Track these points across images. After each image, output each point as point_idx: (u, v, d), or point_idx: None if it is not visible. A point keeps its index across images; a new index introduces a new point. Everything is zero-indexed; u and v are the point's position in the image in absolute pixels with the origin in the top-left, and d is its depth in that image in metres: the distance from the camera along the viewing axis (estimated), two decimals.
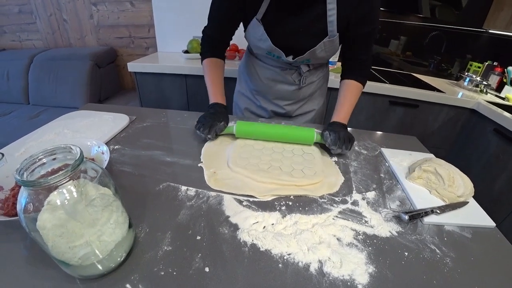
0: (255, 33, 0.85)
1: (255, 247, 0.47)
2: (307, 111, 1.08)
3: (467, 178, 0.65)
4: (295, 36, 0.83)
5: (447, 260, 0.49)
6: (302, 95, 1.03)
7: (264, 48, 0.88)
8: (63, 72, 2.16)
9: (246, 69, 1.06)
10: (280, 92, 1.01)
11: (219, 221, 0.52)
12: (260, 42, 0.86)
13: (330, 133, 0.76)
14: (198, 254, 0.45)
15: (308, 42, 0.84)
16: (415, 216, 0.56)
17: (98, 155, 0.66)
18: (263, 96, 1.04)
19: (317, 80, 1.02)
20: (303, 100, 1.05)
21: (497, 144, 1.49)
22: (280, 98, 1.03)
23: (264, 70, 0.99)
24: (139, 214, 0.53)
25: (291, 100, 1.03)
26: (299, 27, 0.81)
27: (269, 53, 0.89)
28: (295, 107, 1.05)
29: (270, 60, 0.95)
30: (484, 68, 1.97)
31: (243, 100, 1.11)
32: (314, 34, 0.82)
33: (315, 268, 0.45)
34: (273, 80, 0.99)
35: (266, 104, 1.05)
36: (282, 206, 0.58)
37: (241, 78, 1.11)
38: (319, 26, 0.81)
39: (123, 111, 0.94)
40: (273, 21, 0.81)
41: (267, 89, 1.02)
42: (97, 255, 0.39)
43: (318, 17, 0.79)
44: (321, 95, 1.09)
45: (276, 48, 0.85)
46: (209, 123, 0.76)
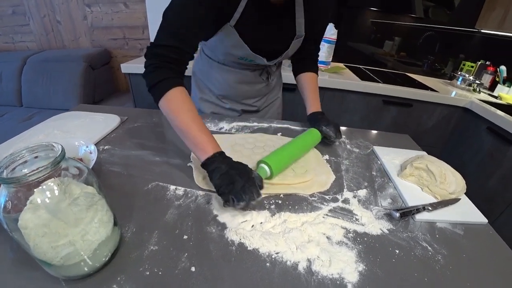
0: (228, 40, 0.78)
1: (243, 246, 0.47)
2: (272, 101, 1.12)
3: (458, 175, 0.65)
4: (269, 41, 0.83)
5: (439, 257, 0.49)
6: (268, 89, 1.07)
7: (237, 55, 0.83)
8: (57, 74, 2.13)
9: (206, 75, 1.00)
10: (250, 92, 1.01)
11: (207, 220, 0.52)
12: (235, 49, 0.81)
13: (328, 127, 0.81)
14: (184, 253, 0.44)
15: (281, 45, 0.85)
16: (406, 214, 0.56)
17: (86, 154, 0.65)
18: (231, 99, 1.02)
19: (278, 73, 1.09)
20: (268, 93, 1.09)
21: (490, 143, 1.49)
22: (249, 98, 1.03)
23: (231, 75, 0.95)
24: (127, 213, 0.52)
25: (259, 97, 1.05)
26: (272, 32, 0.81)
27: (242, 58, 0.86)
28: (263, 101, 1.07)
29: (238, 64, 0.92)
30: (477, 68, 1.98)
31: (207, 106, 1.04)
32: (285, 37, 0.84)
33: (304, 267, 0.44)
34: (242, 83, 0.98)
35: (235, 105, 1.04)
36: (272, 205, 0.57)
37: (200, 84, 1.04)
38: (289, 28, 0.82)
39: (114, 111, 0.93)
40: (247, 27, 0.76)
41: (236, 92, 1.00)
42: (80, 255, 0.38)
43: (287, 19, 0.80)
44: (280, 83, 1.16)
45: (255, 54, 0.81)
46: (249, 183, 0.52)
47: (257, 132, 0.89)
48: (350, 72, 1.90)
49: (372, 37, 2.14)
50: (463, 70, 2.05)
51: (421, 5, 1.87)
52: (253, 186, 0.51)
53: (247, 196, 0.50)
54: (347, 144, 0.88)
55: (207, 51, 0.96)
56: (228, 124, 0.93)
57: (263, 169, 0.61)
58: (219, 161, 0.55)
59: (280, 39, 0.84)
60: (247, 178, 0.52)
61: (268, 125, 0.95)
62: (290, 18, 0.80)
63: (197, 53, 1.04)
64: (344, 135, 0.93)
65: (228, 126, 0.91)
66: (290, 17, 0.80)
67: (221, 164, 0.55)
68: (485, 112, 1.52)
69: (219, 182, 0.53)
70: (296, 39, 0.84)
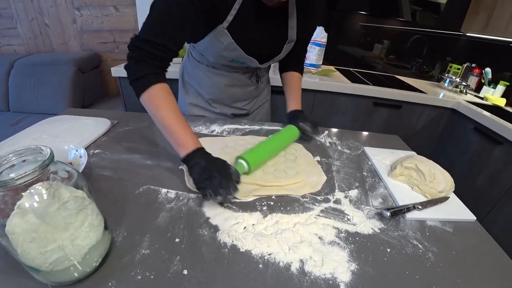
0: (220, 42, 0.77)
1: (235, 248, 0.46)
2: (261, 103, 1.12)
3: (447, 173, 0.66)
4: (262, 44, 0.83)
5: (429, 255, 0.50)
6: (258, 92, 1.07)
7: (229, 57, 0.82)
8: (45, 78, 2.09)
9: (195, 79, 0.98)
10: (240, 95, 1.01)
11: (199, 223, 0.51)
12: (227, 51, 0.79)
13: (305, 123, 0.83)
14: (176, 256, 0.44)
15: (274, 48, 0.86)
16: (397, 213, 0.57)
17: (76, 158, 0.64)
18: (222, 102, 1.01)
19: (267, 76, 1.11)
20: (258, 96, 1.09)
21: (478, 142, 1.53)
22: (239, 101, 1.03)
23: (221, 78, 0.94)
24: (118, 217, 0.51)
25: (248, 100, 1.05)
26: (264, 35, 0.81)
27: (233, 61, 0.85)
28: (253, 103, 1.08)
29: (228, 67, 0.92)
30: (463, 70, 2.03)
31: (196, 110, 1.03)
32: (278, 40, 0.84)
33: (296, 268, 0.44)
34: (232, 86, 0.97)
35: (225, 109, 1.03)
36: (263, 206, 0.57)
37: (188, 88, 1.02)
38: (281, 31, 0.83)
39: (104, 115, 0.92)
40: (240, 30, 0.76)
41: (226, 96, 0.99)
42: (70, 260, 0.37)
43: (280, 23, 0.81)
44: (268, 86, 1.16)
45: (248, 56, 0.81)
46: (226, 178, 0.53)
47: (248, 134, 0.89)
48: (340, 75, 1.93)
49: (362, 40, 2.18)
50: (450, 72, 2.10)
51: (408, 9, 1.91)
52: (230, 181, 0.53)
53: (224, 190, 0.51)
54: (338, 145, 0.88)
55: (195, 55, 0.95)
56: (220, 126, 0.93)
57: (241, 165, 0.63)
58: (199, 157, 0.57)
59: (273, 43, 0.85)
60: (225, 173, 0.54)
61: (260, 128, 0.96)
62: (283, 22, 0.80)
63: (185, 57, 1.03)
64: (335, 137, 0.94)
65: (219, 129, 0.91)
66: (283, 21, 0.80)
67: (200, 159, 0.56)
68: (472, 113, 1.55)
69: (197, 177, 0.54)
70: (288, 44, 0.85)
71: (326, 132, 0.96)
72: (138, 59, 0.63)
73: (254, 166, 0.64)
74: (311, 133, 0.84)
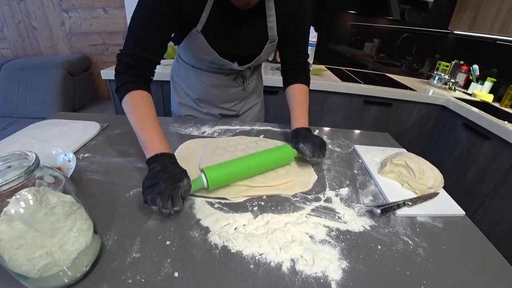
0: (196, 45, 0.79)
1: (226, 249, 0.46)
2: (252, 105, 1.11)
3: (436, 169, 0.67)
4: (239, 46, 0.82)
5: (419, 251, 0.50)
6: (246, 94, 1.05)
7: (207, 59, 0.84)
8: (34, 82, 2.06)
9: (183, 79, 1.00)
10: (226, 95, 1.01)
11: (190, 225, 0.51)
12: (203, 54, 0.81)
13: (305, 145, 0.70)
14: (167, 259, 0.44)
15: (253, 49, 0.85)
16: (387, 210, 0.57)
17: (64, 163, 0.63)
18: (209, 103, 1.01)
19: (256, 77, 1.07)
20: (247, 97, 1.08)
21: (467, 138, 1.55)
22: (226, 101, 1.03)
23: (207, 79, 0.95)
24: (108, 221, 0.50)
25: (236, 101, 1.05)
26: (242, 36, 0.80)
27: (213, 62, 0.86)
28: (242, 105, 1.07)
29: (212, 68, 0.92)
30: (452, 67, 2.07)
31: (185, 110, 1.04)
32: (257, 41, 0.83)
33: (287, 267, 0.44)
34: (218, 87, 0.97)
35: (213, 109, 1.03)
36: (254, 207, 0.57)
37: (178, 88, 1.03)
38: (260, 32, 0.81)
39: (94, 118, 0.91)
40: (214, 32, 0.76)
41: (212, 97, 0.99)
42: (59, 266, 0.36)
43: (258, 23, 0.80)
44: (260, 87, 1.13)
45: (223, 59, 0.82)
46: (169, 189, 0.50)
47: (239, 135, 0.89)
48: (331, 74, 1.94)
49: (352, 39, 2.20)
50: (439, 69, 2.13)
51: (397, 7, 1.94)
52: (174, 194, 0.50)
53: (162, 203, 0.48)
54: (328, 144, 0.89)
55: (182, 56, 0.96)
56: (210, 128, 0.92)
57: (200, 179, 0.57)
58: (156, 162, 0.56)
59: (251, 43, 0.84)
60: (171, 184, 0.50)
61: (250, 128, 0.95)
62: (261, 22, 0.80)
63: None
64: (325, 136, 0.94)
65: (210, 130, 0.91)
66: (261, 21, 0.79)
67: (157, 165, 0.55)
68: (460, 109, 1.58)
69: (145, 181, 0.53)
70: (269, 44, 0.84)
71: (317, 131, 0.97)
72: (120, 71, 0.68)
73: (213, 185, 0.57)
74: (310, 158, 0.70)
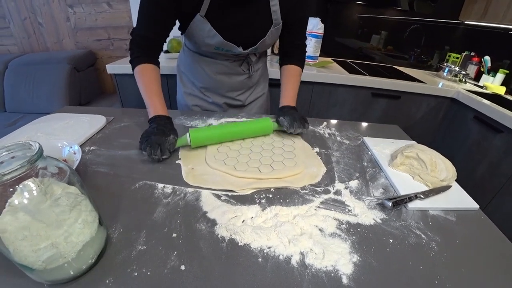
0: (201, 30, 0.81)
1: (234, 242, 0.45)
2: (257, 96, 1.10)
3: (449, 162, 0.65)
4: (243, 29, 0.83)
5: (432, 245, 0.48)
6: (252, 83, 1.04)
7: (212, 44, 0.84)
8: (40, 77, 2.07)
9: (189, 68, 1.01)
10: (232, 84, 1.00)
11: (196, 217, 0.50)
12: (208, 38, 0.82)
13: (285, 117, 0.79)
14: (173, 252, 0.43)
15: (257, 33, 0.85)
16: (399, 202, 0.55)
17: (70, 155, 0.63)
18: (214, 91, 1.01)
19: (262, 66, 1.06)
20: (253, 87, 1.07)
21: (478, 131, 1.52)
22: (232, 90, 1.02)
23: (212, 66, 0.95)
24: (114, 214, 0.50)
25: (242, 90, 1.04)
26: (245, 19, 0.81)
27: (218, 48, 0.86)
28: (247, 95, 1.06)
29: (217, 54, 0.92)
30: (462, 59, 2.01)
31: (191, 99, 1.05)
32: (260, 25, 0.84)
33: (297, 261, 0.43)
34: (223, 74, 0.97)
35: (218, 98, 1.02)
36: (262, 199, 0.56)
37: (184, 78, 1.05)
38: (264, 16, 0.82)
39: (100, 112, 0.90)
40: (218, 16, 0.78)
41: (218, 84, 0.99)
42: (64, 257, 0.36)
43: (261, 7, 0.80)
44: (265, 79, 1.13)
45: (228, 42, 0.83)
46: (156, 141, 0.64)
47: None
48: (338, 66, 1.91)
49: (359, 31, 2.15)
50: (449, 61, 2.08)
51: None
52: (162, 145, 0.64)
53: (151, 150, 0.63)
54: (337, 136, 0.87)
55: (187, 43, 0.97)
56: (217, 120, 0.91)
57: (184, 137, 0.70)
58: (154, 121, 0.70)
59: (255, 27, 0.84)
60: (160, 138, 0.65)
61: None
62: (264, 6, 0.80)
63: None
64: (333, 128, 0.93)
65: (216, 122, 0.90)
66: (264, 6, 0.80)
67: (154, 123, 0.69)
68: (471, 102, 1.54)
69: (142, 134, 0.68)
70: (274, 28, 0.84)
71: (325, 123, 0.95)
72: (132, 47, 0.80)
73: (195, 142, 0.70)
74: (287, 128, 0.78)
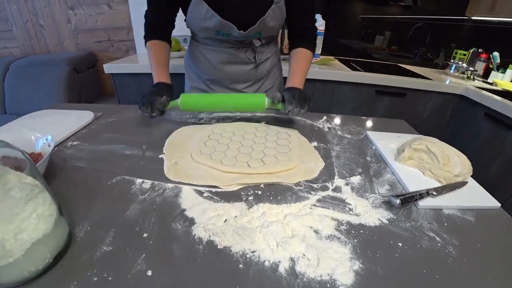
0: (199, 13, 0.80)
1: (212, 245, 0.39)
2: (268, 88, 1.03)
3: (463, 155, 0.58)
4: (241, 8, 0.79)
5: (450, 249, 0.41)
6: (259, 74, 0.98)
7: (211, 28, 0.82)
8: (40, 79, 2.06)
9: (193, 60, 0.99)
10: (236, 74, 0.95)
11: (173, 216, 0.44)
12: (206, 21, 0.81)
13: (284, 93, 0.72)
14: (142, 254, 0.37)
15: (256, 12, 0.80)
16: (408, 200, 0.48)
17: (44, 148, 0.59)
18: (219, 83, 0.97)
19: (271, 56, 0.99)
20: (262, 79, 1.00)
21: (489, 129, 1.43)
22: (237, 82, 0.97)
23: (214, 54, 0.92)
24: (85, 210, 0.45)
25: (249, 82, 0.98)
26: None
27: (218, 33, 0.84)
28: (255, 88, 1.00)
29: (219, 41, 0.89)
30: (470, 56, 1.93)
31: (196, 92, 1.03)
32: (260, 3, 0.80)
33: (285, 268, 0.36)
34: (226, 63, 0.93)
35: (223, 91, 0.98)
36: (250, 196, 0.49)
37: (190, 72, 1.03)
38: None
39: (90, 108, 0.88)
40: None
41: (221, 75, 0.95)
42: (9, 257, 0.31)
43: None
44: (278, 71, 1.07)
45: (226, 21, 0.79)
46: (148, 100, 0.72)
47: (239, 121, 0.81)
48: (340, 64, 1.85)
49: (363, 32, 2.10)
50: (456, 58, 2.00)
51: None
52: (152, 104, 0.72)
53: (144, 107, 0.72)
54: (337, 130, 0.80)
55: (192, 33, 0.96)
56: (208, 115, 0.87)
57: (175, 101, 0.76)
58: (155, 86, 0.79)
59: (255, 6, 0.80)
60: (152, 97, 0.72)
61: (252, 114, 0.88)
62: None
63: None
64: (334, 122, 0.86)
65: (208, 117, 0.85)
66: None
67: (154, 88, 0.78)
68: (482, 98, 1.46)
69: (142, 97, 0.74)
70: (275, 5, 0.80)
71: (325, 118, 0.88)
72: (144, 28, 0.89)
73: (184, 106, 0.76)
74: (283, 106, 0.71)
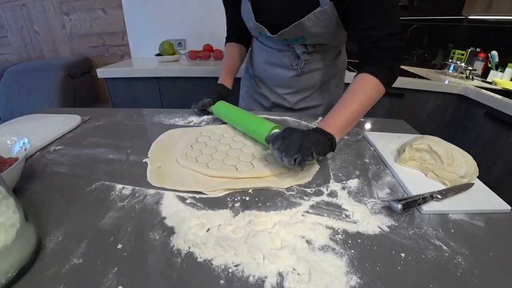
0: (245, 11, 0.82)
1: (191, 257, 0.35)
2: (313, 105, 0.94)
3: (468, 155, 0.54)
4: (282, 11, 0.75)
5: (458, 259, 0.37)
6: (304, 84, 0.90)
7: (252, 28, 0.85)
8: (34, 85, 2.04)
9: (250, 54, 1.05)
10: (278, 77, 0.92)
11: (152, 224, 0.40)
12: (248, 21, 0.84)
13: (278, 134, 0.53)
14: (113, 268, 0.33)
15: (296, 15, 0.72)
16: (410, 205, 0.44)
17: (20, 152, 0.55)
18: (263, 81, 0.98)
19: (323, 68, 0.88)
20: (307, 91, 0.92)
21: (491, 128, 1.40)
22: (279, 86, 0.93)
23: (261, 52, 0.94)
24: (57, 219, 0.41)
25: (291, 89, 0.92)
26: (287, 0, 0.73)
27: (261, 33, 0.84)
28: (297, 98, 0.93)
29: (266, 40, 0.90)
30: (468, 55, 1.90)
31: (245, 84, 1.09)
32: (303, 6, 0.71)
33: (272, 284, 0.32)
34: (269, 63, 0.92)
35: (267, 91, 0.97)
36: (236, 203, 0.45)
37: (248, 66, 1.08)
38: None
39: (77, 112, 0.85)
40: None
41: (265, 74, 0.95)
42: None
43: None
44: (335, 90, 0.94)
45: (258, 24, 0.79)
46: (199, 98, 0.81)
47: None
48: None
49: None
50: (454, 58, 1.98)
51: None
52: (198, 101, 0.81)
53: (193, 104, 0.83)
54: None
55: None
56: (198, 117, 0.85)
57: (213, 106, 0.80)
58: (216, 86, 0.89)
59: (293, 10, 0.72)
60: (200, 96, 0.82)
61: None
62: None
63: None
64: None
65: (198, 119, 0.84)
66: None
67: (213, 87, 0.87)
68: (482, 97, 1.42)
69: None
70: (320, 10, 0.68)
71: (320, 118, 0.85)
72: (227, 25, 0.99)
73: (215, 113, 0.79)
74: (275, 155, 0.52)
